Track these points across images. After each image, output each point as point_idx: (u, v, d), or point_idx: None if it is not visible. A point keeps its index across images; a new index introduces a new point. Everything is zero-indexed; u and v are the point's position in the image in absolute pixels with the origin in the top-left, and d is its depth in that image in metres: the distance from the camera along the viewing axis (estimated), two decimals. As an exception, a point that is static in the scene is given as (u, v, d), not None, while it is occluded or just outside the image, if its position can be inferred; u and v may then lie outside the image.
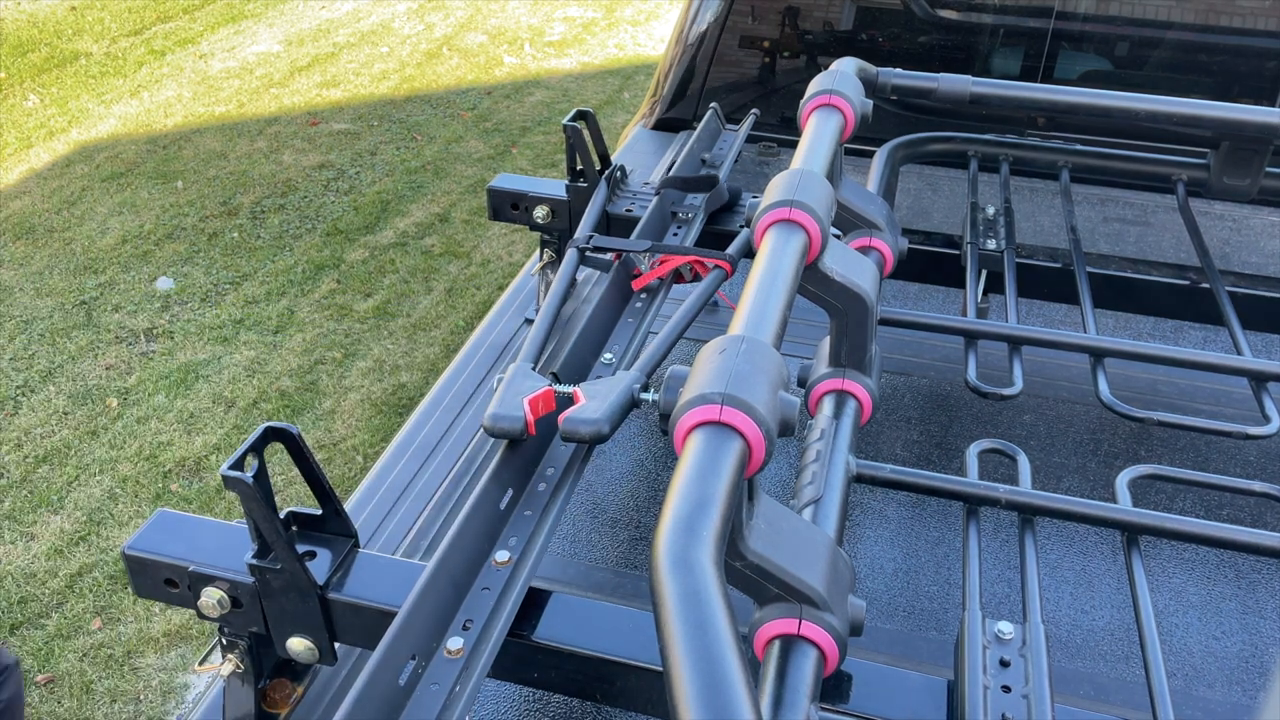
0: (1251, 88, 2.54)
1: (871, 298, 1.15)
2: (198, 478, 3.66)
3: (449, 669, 0.95)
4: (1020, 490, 1.14)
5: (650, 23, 8.02)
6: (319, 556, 1.03)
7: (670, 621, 0.63)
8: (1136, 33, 2.59)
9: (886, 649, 1.32)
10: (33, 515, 3.49)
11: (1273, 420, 1.31)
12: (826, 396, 1.21)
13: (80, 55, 7.39)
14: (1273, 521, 1.50)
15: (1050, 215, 2.39)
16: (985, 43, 2.71)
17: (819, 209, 1.03)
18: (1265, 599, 1.41)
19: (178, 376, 4.15)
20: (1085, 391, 1.60)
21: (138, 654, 3.01)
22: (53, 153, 6.06)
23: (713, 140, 1.98)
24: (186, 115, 6.53)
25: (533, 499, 1.16)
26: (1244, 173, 1.71)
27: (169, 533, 1.07)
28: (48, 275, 4.86)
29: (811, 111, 1.36)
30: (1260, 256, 2.30)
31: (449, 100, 6.75)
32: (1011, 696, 0.92)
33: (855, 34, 2.78)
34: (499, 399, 1.19)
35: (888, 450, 1.67)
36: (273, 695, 1.08)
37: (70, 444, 3.81)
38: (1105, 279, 1.78)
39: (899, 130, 1.84)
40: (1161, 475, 1.22)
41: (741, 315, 0.90)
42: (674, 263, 1.54)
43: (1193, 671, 1.31)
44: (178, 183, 5.71)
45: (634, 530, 1.54)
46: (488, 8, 8.30)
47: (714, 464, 0.73)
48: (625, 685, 1.06)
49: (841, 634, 0.85)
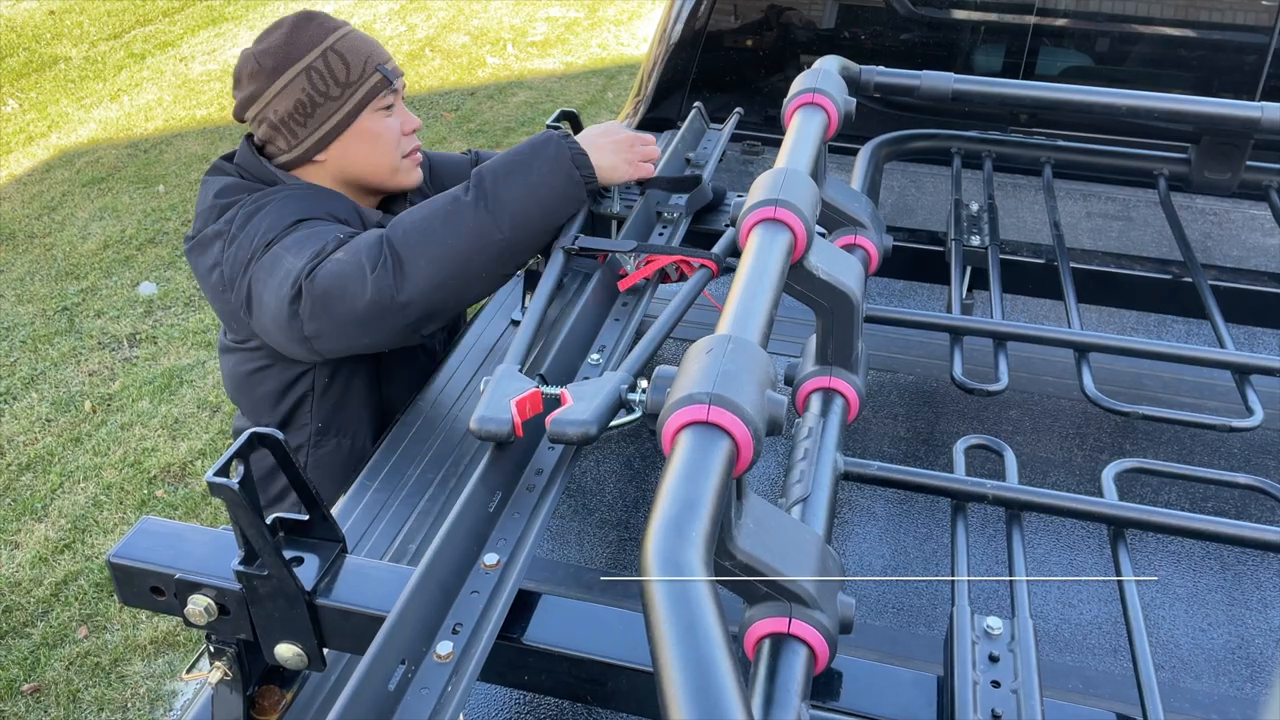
0: (1231, 82, 2.56)
1: (857, 295, 1.15)
2: (183, 483, 3.64)
3: (439, 673, 0.94)
4: (1007, 485, 1.15)
5: (633, 22, 8.02)
6: (306, 562, 1.03)
7: (660, 622, 0.63)
8: (1117, 29, 2.61)
9: (876, 646, 1.32)
10: (16, 523, 3.47)
11: (1256, 413, 1.32)
12: (814, 394, 1.21)
13: (59, 59, 7.35)
14: (1257, 514, 1.51)
15: (1034, 211, 2.40)
16: (967, 40, 2.72)
17: (804, 207, 1.03)
18: (1251, 591, 1.42)
19: (161, 382, 4.12)
20: (1070, 386, 1.60)
21: (125, 662, 2.99)
22: (32, 158, 6.02)
23: (697, 139, 1.98)
24: (167, 119, 6.50)
25: (521, 501, 1.15)
26: (1225, 167, 1.72)
27: (154, 540, 1.06)
28: (29, 281, 4.83)
29: (795, 110, 1.36)
30: (1241, 250, 2.32)
31: (432, 101, 6.73)
32: (1001, 691, 0.92)
33: (838, 32, 2.79)
34: (486, 401, 1.19)
35: (875, 447, 1.67)
36: (261, 702, 1.08)
37: (54, 451, 3.78)
38: (1089, 274, 1.79)
39: (883, 128, 1.84)
40: (1147, 469, 1.23)
41: (728, 314, 0.90)
42: (660, 263, 1.54)
43: (1180, 664, 1.31)
44: (159, 187, 5.68)
45: (623, 531, 1.54)
46: (470, 8, 8.29)
47: (702, 464, 0.73)
48: (616, 686, 1.06)
49: (831, 632, 0.86)
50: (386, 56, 1.80)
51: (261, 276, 1.58)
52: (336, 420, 1.80)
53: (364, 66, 1.74)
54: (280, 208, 1.66)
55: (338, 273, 1.51)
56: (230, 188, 1.73)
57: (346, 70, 1.73)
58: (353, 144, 1.77)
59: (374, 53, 1.77)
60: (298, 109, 1.72)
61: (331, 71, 1.72)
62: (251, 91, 1.74)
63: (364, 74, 1.74)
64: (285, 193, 1.71)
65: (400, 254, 1.50)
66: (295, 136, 1.74)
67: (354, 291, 1.49)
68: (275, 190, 1.72)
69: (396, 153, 1.81)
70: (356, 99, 1.74)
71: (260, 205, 1.66)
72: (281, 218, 1.63)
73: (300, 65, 1.71)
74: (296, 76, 1.71)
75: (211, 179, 1.78)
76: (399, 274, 1.49)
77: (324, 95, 1.72)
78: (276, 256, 1.58)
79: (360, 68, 1.74)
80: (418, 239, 1.51)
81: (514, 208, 1.51)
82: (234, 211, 1.67)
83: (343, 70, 1.72)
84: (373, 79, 1.75)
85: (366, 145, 1.77)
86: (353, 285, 1.49)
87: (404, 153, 1.82)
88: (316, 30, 1.73)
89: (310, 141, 1.75)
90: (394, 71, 1.79)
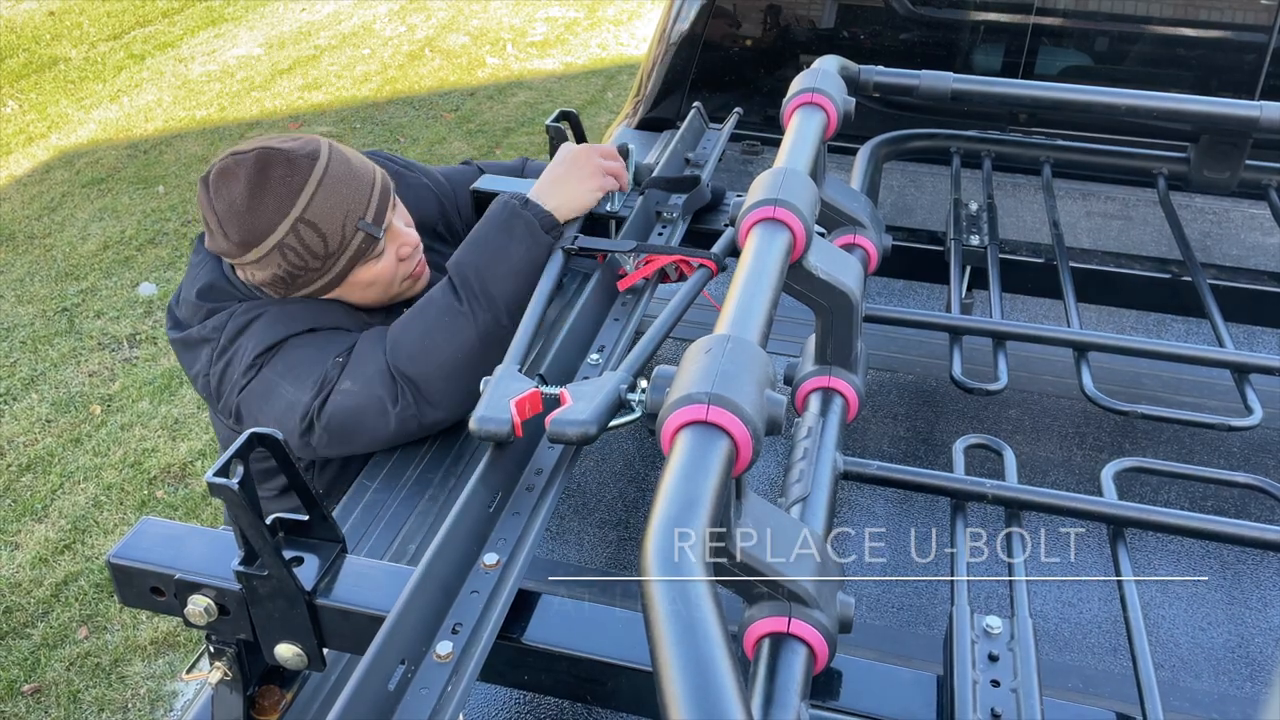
0: (1230, 81, 2.56)
1: (856, 295, 1.15)
2: (183, 484, 3.64)
3: (439, 673, 0.94)
4: (1007, 485, 1.15)
5: (633, 22, 8.02)
6: (306, 562, 1.03)
7: (660, 621, 0.63)
8: (1116, 28, 2.61)
9: (876, 645, 1.32)
10: (17, 524, 3.47)
11: (1255, 412, 1.32)
12: (813, 394, 1.21)
13: (59, 60, 7.34)
14: (1256, 512, 1.51)
15: (1033, 210, 2.40)
16: (966, 39, 2.72)
17: (803, 207, 1.03)
18: (1250, 590, 1.42)
19: (161, 382, 4.12)
20: (1069, 386, 1.60)
21: (125, 662, 2.99)
22: (32, 159, 6.02)
23: (696, 139, 1.98)
24: (167, 120, 6.50)
25: (520, 501, 1.15)
26: (1224, 166, 1.72)
27: (154, 540, 1.06)
28: (28, 282, 4.83)
29: (794, 110, 1.36)
30: (1240, 249, 2.32)
31: (432, 102, 6.73)
32: (1001, 690, 0.92)
33: (837, 32, 2.79)
34: (485, 401, 1.19)
35: (874, 447, 1.67)
36: (261, 702, 1.08)
37: (54, 452, 3.78)
38: (1088, 273, 1.79)
39: (882, 128, 1.85)
40: (1146, 468, 1.23)
41: (727, 314, 0.90)
42: (659, 263, 1.54)
43: (1179, 663, 1.32)
44: (159, 187, 5.68)
45: (623, 531, 1.55)
46: (469, 9, 8.29)
47: (702, 463, 0.73)
48: (616, 686, 1.06)
49: (831, 631, 0.86)
50: (365, 201, 1.54)
51: (254, 402, 1.49)
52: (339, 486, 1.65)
53: (342, 232, 1.52)
54: (269, 326, 1.52)
55: (353, 408, 1.44)
56: (217, 291, 1.59)
57: (324, 242, 1.51)
58: (348, 292, 1.61)
59: (351, 207, 1.52)
60: (276, 282, 1.54)
61: (306, 246, 1.50)
62: (224, 250, 1.55)
63: (344, 240, 1.52)
64: (276, 311, 1.55)
65: (415, 381, 1.43)
66: (284, 292, 1.58)
67: (375, 425, 1.44)
68: (268, 302, 1.57)
69: (395, 284, 1.64)
70: (340, 267, 1.55)
71: (249, 319, 1.53)
72: (271, 334, 1.51)
73: (270, 242, 1.50)
74: (269, 253, 1.50)
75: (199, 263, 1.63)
76: (420, 401, 1.43)
77: (303, 269, 1.53)
78: (269, 384, 1.48)
79: (339, 235, 1.51)
80: (427, 360, 1.44)
81: (507, 297, 1.48)
82: (223, 319, 1.54)
83: (319, 243, 1.51)
84: (355, 241, 1.53)
85: (360, 291, 1.61)
86: (372, 420, 1.44)
87: (403, 277, 1.65)
88: (280, 194, 1.49)
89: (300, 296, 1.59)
90: (376, 220, 1.55)
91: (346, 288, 1.59)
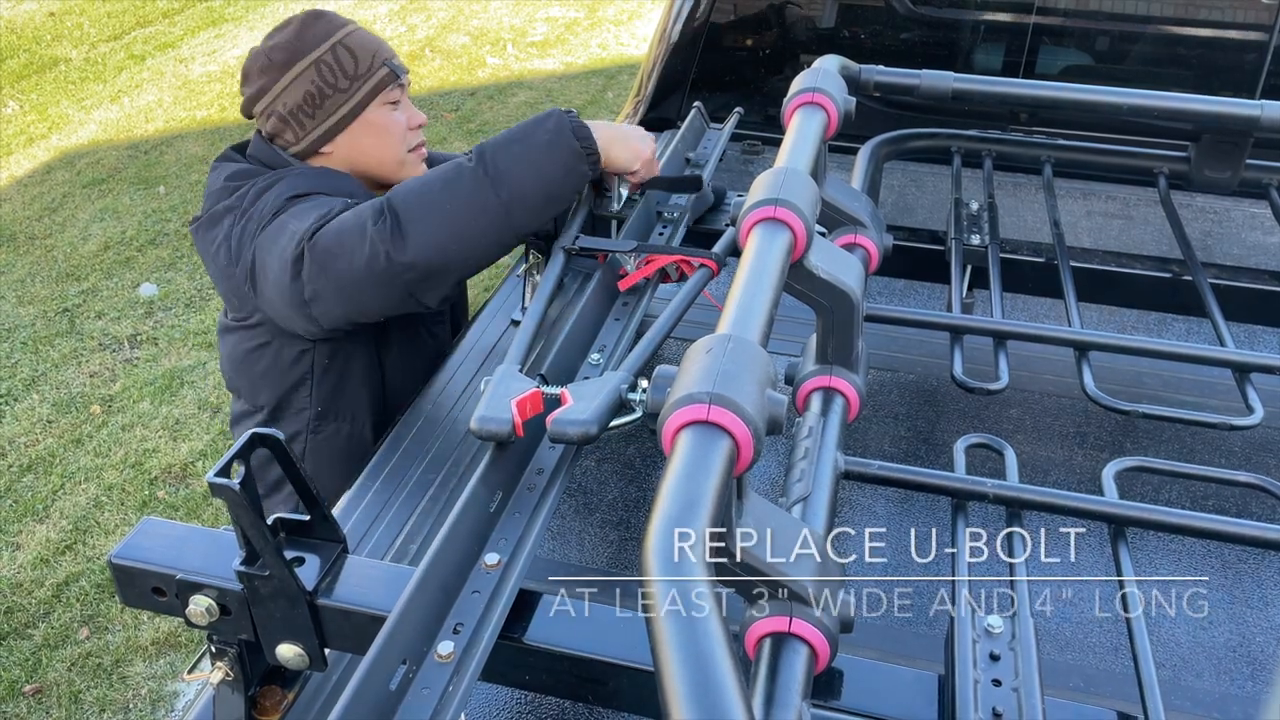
0: (1231, 80, 2.56)
1: (857, 294, 1.15)
2: (184, 484, 3.64)
3: (440, 673, 0.94)
4: (1008, 484, 1.15)
5: (633, 22, 8.02)
6: (308, 562, 1.03)
7: (661, 621, 0.63)
8: (1117, 27, 2.61)
9: (877, 645, 1.32)
10: (18, 525, 3.47)
11: (1256, 411, 1.32)
12: (814, 394, 1.21)
13: (59, 61, 7.35)
14: (1258, 512, 1.51)
15: (1034, 210, 2.40)
16: (967, 39, 2.72)
17: (804, 207, 1.03)
18: (1251, 589, 1.42)
19: (162, 383, 4.13)
20: (1070, 385, 1.60)
21: (126, 663, 2.99)
22: (33, 159, 6.02)
23: (697, 139, 1.98)
24: (168, 120, 6.50)
25: (521, 501, 1.15)
26: (1224, 165, 1.72)
27: (155, 541, 1.06)
28: (29, 283, 4.83)
29: (795, 109, 1.36)
30: (1241, 248, 2.32)
31: (432, 102, 6.73)
32: (1002, 690, 0.92)
33: (838, 31, 2.79)
34: (486, 401, 1.19)
35: (875, 446, 1.67)
36: (263, 702, 1.08)
37: (55, 452, 3.78)
38: (1089, 273, 1.79)
39: (883, 127, 1.84)
40: (1147, 467, 1.23)
41: (728, 314, 0.90)
42: (660, 262, 1.54)
43: (1181, 662, 1.32)
44: (160, 188, 5.68)
45: (624, 530, 1.55)
46: (469, 9, 8.29)
47: (703, 463, 0.73)
48: (617, 686, 1.06)
49: (832, 631, 0.86)
50: (393, 53, 1.85)
51: (266, 244, 1.62)
52: (336, 404, 1.81)
53: (371, 61, 1.79)
54: (291, 183, 1.70)
55: (338, 229, 1.54)
56: (242, 172, 1.77)
57: (355, 64, 1.77)
58: (359, 136, 1.81)
59: (381, 48, 1.83)
60: (307, 101, 1.76)
61: (340, 65, 1.77)
62: (261, 85, 1.78)
63: (371, 68, 1.79)
64: (297, 171, 1.76)
65: (400, 214, 1.52)
66: (303, 128, 1.78)
67: (353, 247, 1.52)
68: (287, 169, 1.77)
69: (402, 146, 1.84)
70: (364, 92, 1.78)
71: (272, 182, 1.71)
72: (291, 191, 1.68)
73: (310, 58, 1.76)
74: (306, 69, 1.76)
75: (222, 165, 1.82)
76: (397, 233, 1.51)
77: (332, 87, 1.76)
78: (282, 224, 1.62)
79: (368, 62, 1.78)
80: (417, 201, 1.54)
81: (512, 174, 1.53)
82: (246, 188, 1.72)
83: (351, 64, 1.77)
84: (380, 73, 1.79)
85: (373, 138, 1.81)
86: (351, 240, 1.52)
87: (409, 147, 1.86)
88: (326, 26, 1.79)
89: (318, 133, 1.79)
90: (400, 67, 1.84)
91: (360, 126, 1.80)
